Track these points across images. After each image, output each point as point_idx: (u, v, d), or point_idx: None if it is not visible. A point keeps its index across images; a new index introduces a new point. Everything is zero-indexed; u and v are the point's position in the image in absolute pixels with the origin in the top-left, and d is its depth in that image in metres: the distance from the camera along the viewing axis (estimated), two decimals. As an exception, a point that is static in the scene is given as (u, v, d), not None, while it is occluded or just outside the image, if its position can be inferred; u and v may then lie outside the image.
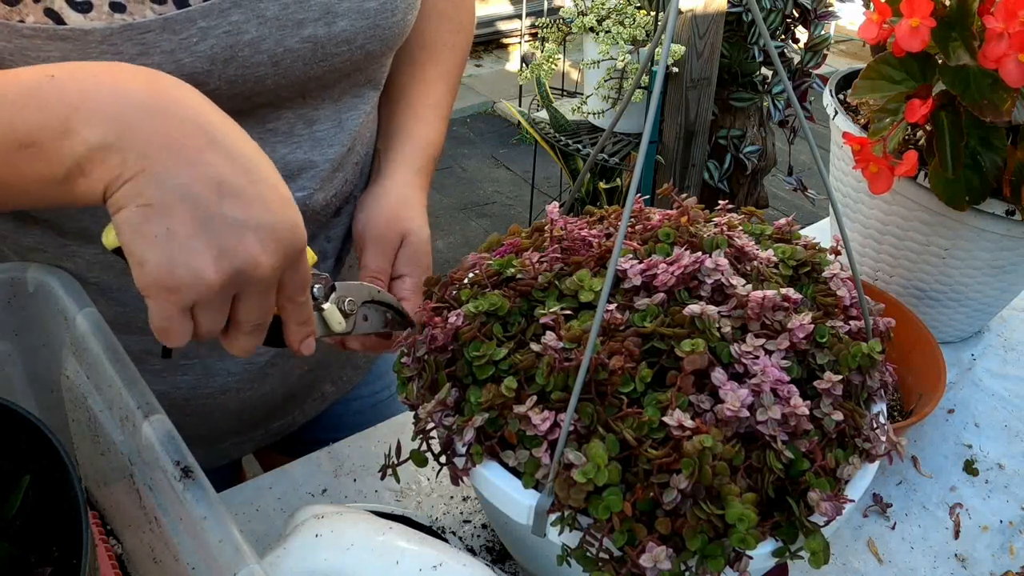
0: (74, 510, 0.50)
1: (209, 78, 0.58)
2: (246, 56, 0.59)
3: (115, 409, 0.56)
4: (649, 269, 0.57)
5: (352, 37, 0.65)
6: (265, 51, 0.60)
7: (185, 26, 0.56)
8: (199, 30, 0.56)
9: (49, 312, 0.64)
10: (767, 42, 0.54)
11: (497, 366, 0.55)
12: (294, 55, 0.62)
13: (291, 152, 0.69)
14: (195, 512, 0.49)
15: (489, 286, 0.61)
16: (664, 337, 0.54)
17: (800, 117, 0.50)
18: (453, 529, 0.72)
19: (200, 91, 0.54)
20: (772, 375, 0.52)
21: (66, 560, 0.53)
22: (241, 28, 0.58)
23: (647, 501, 0.49)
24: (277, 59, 0.61)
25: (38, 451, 0.52)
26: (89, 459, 0.64)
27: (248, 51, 0.59)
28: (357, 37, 0.66)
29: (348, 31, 0.65)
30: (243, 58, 0.59)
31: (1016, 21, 0.69)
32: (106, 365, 0.56)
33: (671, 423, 0.49)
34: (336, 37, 0.64)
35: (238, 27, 0.58)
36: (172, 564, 0.54)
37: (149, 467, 0.53)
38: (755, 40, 2.23)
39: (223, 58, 0.58)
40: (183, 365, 0.77)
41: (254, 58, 0.60)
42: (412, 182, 0.75)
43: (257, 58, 0.60)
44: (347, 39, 0.65)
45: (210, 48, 0.57)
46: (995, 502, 0.82)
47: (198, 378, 0.78)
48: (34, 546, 0.53)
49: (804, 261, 0.63)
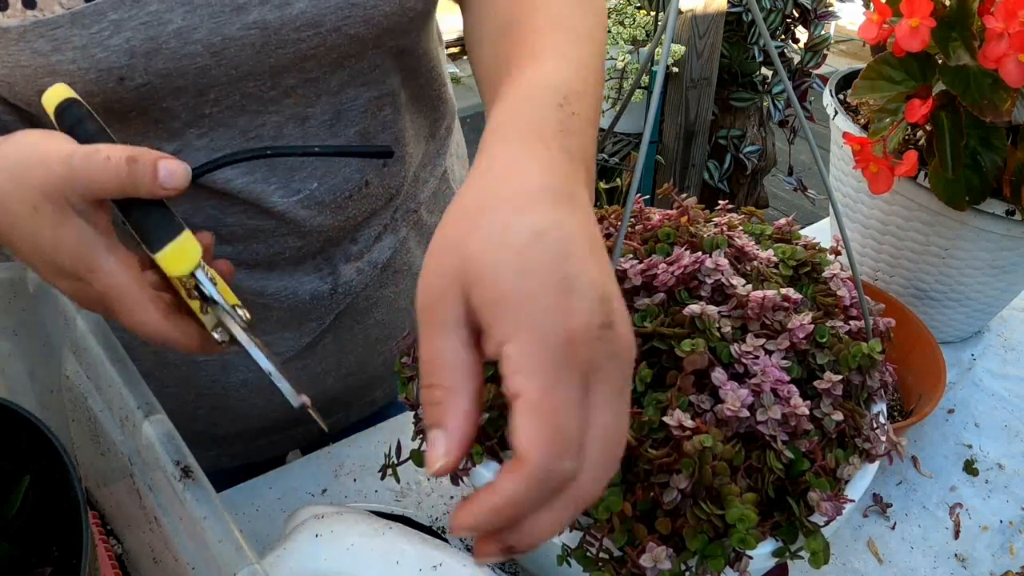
0: (74, 510, 0.50)
1: (133, 72, 0.56)
2: (174, 48, 0.56)
3: (115, 409, 0.56)
4: (649, 269, 0.57)
5: (317, 20, 0.59)
6: (198, 41, 0.56)
7: (95, 19, 0.54)
8: (111, 23, 0.54)
9: (49, 312, 0.64)
10: (767, 42, 0.54)
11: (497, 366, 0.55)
12: (238, 44, 0.58)
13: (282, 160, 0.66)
14: (195, 512, 0.49)
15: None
16: (664, 337, 0.54)
17: (800, 117, 0.50)
18: (453, 529, 0.72)
19: (128, 86, 0.56)
20: (772, 375, 0.52)
21: (66, 560, 0.53)
22: (163, 18, 0.55)
23: (647, 501, 0.49)
24: (216, 49, 0.57)
25: (38, 451, 0.52)
26: (89, 459, 0.64)
27: (176, 42, 0.56)
28: (325, 20, 0.59)
29: (310, 13, 0.59)
30: (170, 50, 0.56)
31: (1016, 21, 0.69)
32: (106, 365, 0.56)
33: (671, 423, 0.49)
34: (293, 21, 0.58)
35: (159, 17, 0.55)
36: (172, 564, 0.54)
37: (149, 467, 0.53)
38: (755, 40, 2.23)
39: (144, 51, 0.55)
40: (200, 362, 0.78)
41: (185, 49, 0.56)
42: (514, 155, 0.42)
43: (189, 49, 0.56)
44: (310, 22, 0.59)
45: (126, 41, 0.55)
46: (995, 502, 0.82)
47: (216, 372, 0.78)
48: (34, 546, 0.53)
49: (804, 261, 0.63)
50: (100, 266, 0.49)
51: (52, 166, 0.47)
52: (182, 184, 0.49)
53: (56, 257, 0.49)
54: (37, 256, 0.50)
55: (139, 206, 0.48)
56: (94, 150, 0.47)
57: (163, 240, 0.48)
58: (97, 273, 0.49)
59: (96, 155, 0.47)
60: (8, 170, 0.49)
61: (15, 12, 0.53)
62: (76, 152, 0.47)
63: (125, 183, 0.47)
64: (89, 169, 0.47)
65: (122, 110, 0.58)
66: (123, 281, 0.49)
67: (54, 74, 0.55)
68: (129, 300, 0.49)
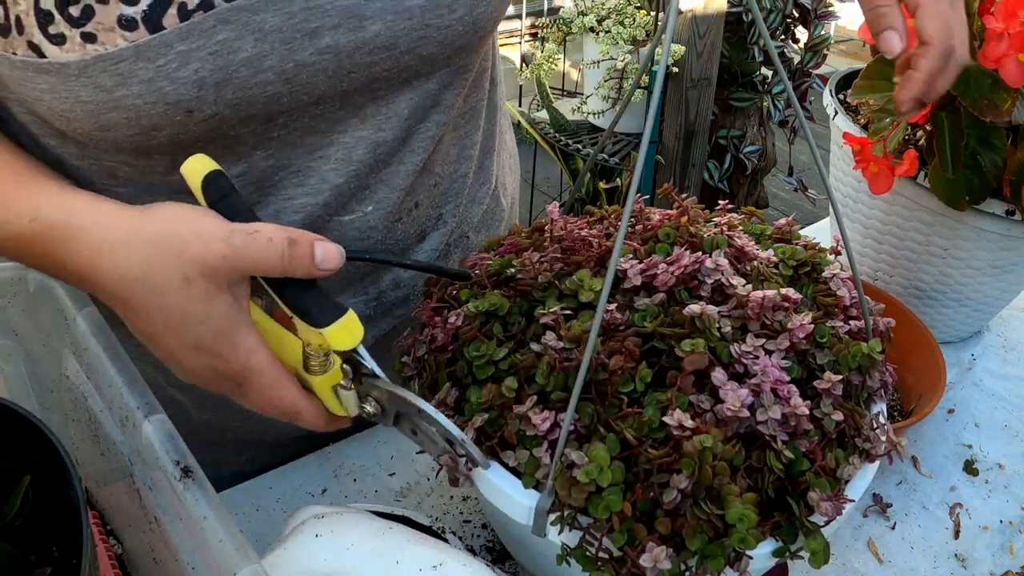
0: (74, 510, 0.50)
1: (202, 104, 0.54)
2: (244, 77, 0.54)
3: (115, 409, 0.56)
4: (649, 269, 0.57)
5: (391, 42, 0.57)
6: (269, 68, 0.54)
7: (161, 52, 0.51)
8: (178, 54, 0.52)
9: (49, 312, 0.64)
10: (767, 42, 0.54)
11: (497, 366, 0.55)
12: (311, 69, 0.56)
13: (346, 182, 0.64)
14: (195, 512, 0.49)
15: (489, 286, 0.61)
16: (664, 337, 0.54)
17: (800, 117, 0.50)
18: (453, 529, 0.72)
19: (197, 118, 0.55)
20: (772, 375, 0.52)
21: (66, 560, 0.53)
22: (232, 47, 0.53)
23: (647, 501, 0.49)
24: (288, 76, 0.55)
25: (38, 451, 0.52)
26: (89, 459, 0.64)
27: (246, 71, 0.54)
28: (399, 42, 0.57)
29: (384, 36, 0.57)
30: (241, 79, 0.54)
31: (1016, 21, 0.69)
32: (106, 365, 0.56)
33: (671, 423, 0.49)
34: (367, 44, 0.56)
35: (228, 46, 0.53)
36: (172, 564, 0.54)
37: (149, 467, 0.53)
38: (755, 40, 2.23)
39: (213, 81, 0.53)
40: None
41: (256, 78, 0.54)
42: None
43: (260, 77, 0.54)
44: (385, 45, 0.57)
45: (194, 73, 0.53)
46: (995, 502, 0.82)
47: None
48: (34, 546, 0.53)
49: (804, 261, 0.63)
50: (242, 342, 0.50)
51: (211, 243, 0.48)
52: (337, 266, 0.51)
53: (200, 331, 0.49)
54: (174, 331, 0.50)
55: (293, 284, 0.50)
56: (254, 230, 0.49)
57: (330, 317, 0.49)
58: (239, 350, 0.50)
59: (258, 236, 0.49)
60: (159, 242, 0.49)
61: (73, 46, 0.51)
62: (236, 231, 0.49)
63: (286, 264, 0.49)
64: (251, 249, 0.48)
65: (188, 141, 0.56)
66: (263, 359, 0.51)
67: (118, 109, 0.53)
68: (267, 377, 0.51)
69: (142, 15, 0.51)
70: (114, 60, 0.51)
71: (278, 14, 0.53)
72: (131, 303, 0.50)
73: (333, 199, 0.64)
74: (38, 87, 0.54)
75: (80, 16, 0.51)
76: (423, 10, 0.57)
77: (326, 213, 0.65)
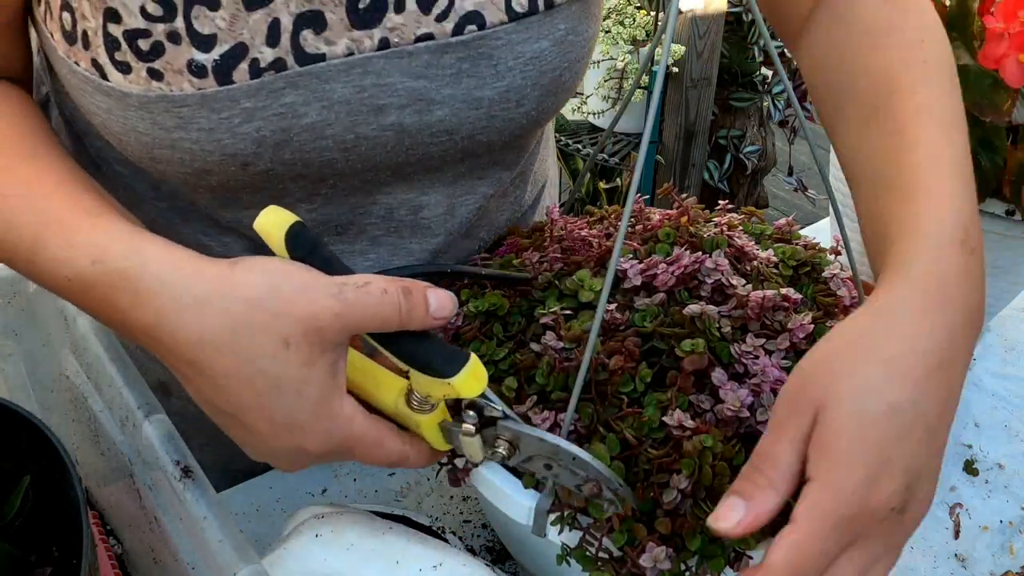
0: (74, 510, 0.50)
1: (258, 160, 0.53)
2: (304, 141, 0.53)
3: (115, 409, 0.56)
4: (649, 269, 0.57)
5: (454, 127, 0.56)
6: (330, 136, 0.54)
7: (227, 105, 0.51)
8: (243, 111, 0.51)
9: (49, 312, 0.64)
10: (767, 42, 0.54)
11: (497, 366, 0.55)
12: (370, 142, 0.55)
13: (385, 235, 0.62)
14: (195, 512, 0.49)
15: (489, 286, 0.61)
16: (664, 337, 0.54)
17: (800, 117, 0.50)
18: (453, 529, 0.72)
19: (250, 171, 0.53)
20: (772, 375, 0.52)
21: (66, 560, 0.53)
22: (298, 111, 0.52)
23: (647, 501, 0.49)
24: (347, 146, 0.55)
25: (38, 451, 0.53)
26: (89, 459, 0.64)
27: (307, 136, 0.53)
28: (461, 128, 0.56)
29: (448, 121, 0.56)
30: (300, 142, 0.53)
31: (1016, 21, 0.69)
32: (106, 365, 0.56)
33: (671, 423, 0.49)
34: (430, 127, 0.56)
35: (294, 110, 0.52)
36: (172, 564, 0.54)
37: (149, 467, 0.53)
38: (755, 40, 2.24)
39: (273, 141, 0.52)
40: None
41: (315, 143, 0.54)
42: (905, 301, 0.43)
43: (320, 143, 0.54)
44: (447, 129, 0.56)
45: (256, 130, 0.52)
46: (995, 502, 0.82)
47: None
48: (34, 546, 0.53)
49: (804, 261, 0.63)
50: (341, 411, 0.46)
51: (320, 299, 0.43)
52: (451, 314, 0.47)
53: (294, 405, 0.44)
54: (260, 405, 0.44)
55: (406, 335, 0.46)
56: (364, 282, 0.44)
57: (455, 366, 0.46)
58: (338, 420, 0.45)
59: (371, 288, 0.44)
60: (255, 300, 0.43)
61: (138, 79, 0.50)
62: (346, 284, 0.44)
63: (403, 317, 0.45)
64: (366, 304, 0.44)
65: (236, 187, 0.56)
66: (362, 421, 0.47)
67: (173, 148, 0.52)
68: (370, 438, 0.47)
69: (213, 64, 0.50)
70: (177, 103, 0.50)
71: (348, 86, 0.52)
72: (207, 369, 0.44)
73: (371, 251, 0.64)
74: (95, 102, 0.53)
75: (149, 51, 0.49)
76: (491, 102, 0.56)
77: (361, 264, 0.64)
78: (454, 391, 0.46)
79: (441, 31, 0.53)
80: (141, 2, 0.48)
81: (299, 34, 0.51)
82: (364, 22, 0.51)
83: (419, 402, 0.48)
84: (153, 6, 0.49)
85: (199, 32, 0.49)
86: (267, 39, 0.50)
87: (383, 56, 0.52)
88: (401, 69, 0.53)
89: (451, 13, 0.53)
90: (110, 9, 0.49)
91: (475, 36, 0.53)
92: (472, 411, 0.47)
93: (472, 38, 0.53)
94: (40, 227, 0.48)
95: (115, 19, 0.49)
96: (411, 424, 0.49)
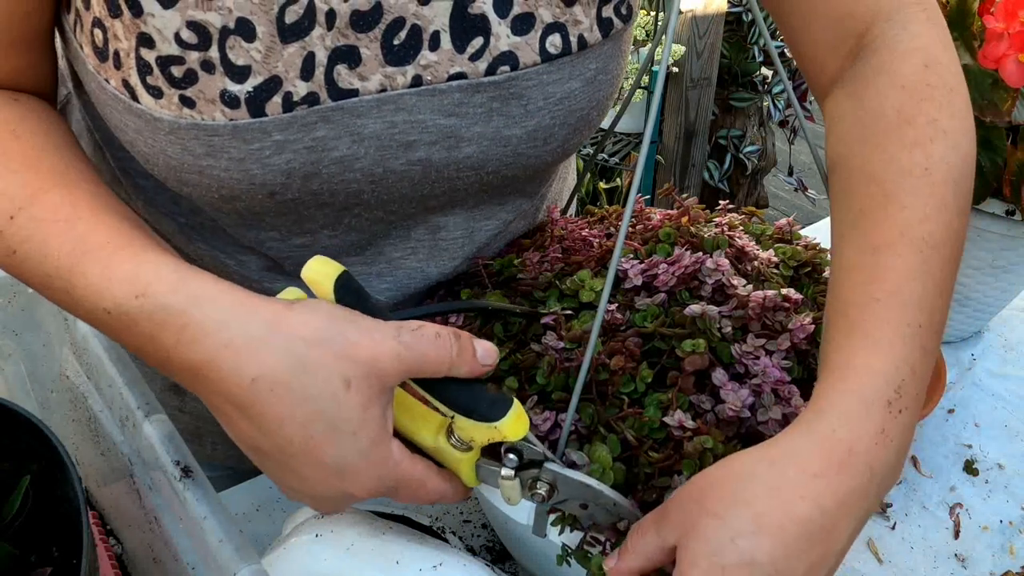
0: (74, 510, 0.50)
1: (286, 190, 0.53)
2: (333, 173, 0.53)
3: (115, 409, 0.56)
4: (650, 269, 0.57)
5: (480, 163, 0.56)
6: (359, 169, 0.54)
7: (258, 137, 0.50)
8: (274, 143, 0.51)
9: (49, 312, 0.64)
10: (767, 42, 0.54)
11: (498, 366, 0.55)
12: (397, 175, 0.55)
13: (403, 257, 0.62)
14: (195, 512, 0.49)
15: (490, 286, 0.61)
16: (665, 337, 0.54)
17: (800, 117, 0.50)
18: (453, 529, 0.72)
19: (277, 200, 0.53)
20: (773, 375, 0.52)
21: (66, 560, 0.53)
22: (328, 144, 0.52)
23: (648, 502, 0.49)
24: (375, 178, 0.55)
25: (38, 451, 0.52)
26: (89, 459, 0.64)
27: (336, 168, 0.53)
28: (488, 164, 0.56)
29: (476, 158, 0.56)
30: (329, 175, 0.53)
31: (1016, 21, 0.69)
32: (106, 365, 0.56)
33: (672, 424, 0.49)
34: (457, 163, 0.56)
35: (324, 143, 0.52)
36: (172, 564, 0.54)
37: (149, 467, 0.53)
38: (755, 40, 2.24)
39: (302, 173, 0.52)
40: None
41: (343, 175, 0.54)
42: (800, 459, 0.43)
43: (348, 176, 0.54)
44: (473, 165, 0.56)
45: (286, 163, 0.51)
46: (995, 502, 0.82)
47: None
48: (34, 546, 0.53)
49: (804, 262, 0.63)
50: (391, 455, 0.45)
51: (383, 341, 0.43)
52: (494, 362, 0.47)
53: (347, 448, 0.43)
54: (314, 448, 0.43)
55: (452, 381, 0.47)
56: (418, 326, 0.45)
57: (500, 410, 0.47)
58: (388, 464, 0.45)
59: (425, 332, 0.44)
60: (317, 341, 0.43)
61: (170, 105, 0.50)
62: (402, 328, 0.44)
63: (454, 361, 0.45)
64: (422, 347, 0.44)
65: (261, 212, 0.56)
66: (409, 467, 0.46)
67: (201, 174, 0.52)
68: (415, 480, 0.47)
69: (246, 96, 0.49)
70: (209, 132, 0.50)
71: (379, 122, 0.52)
72: (258, 411, 0.43)
73: (388, 273, 0.64)
74: (124, 121, 0.52)
75: (182, 79, 0.49)
76: (519, 140, 0.56)
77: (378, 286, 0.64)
78: (499, 435, 0.46)
79: (474, 71, 0.53)
80: (176, 29, 0.48)
81: (333, 69, 0.50)
82: (398, 59, 0.51)
83: (459, 441, 0.48)
84: (188, 34, 0.48)
85: (233, 63, 0.49)
86: (301, 72, 0.50)
87: (415, 93, 0.52)
88: (432, 107, 0.53)
89: (485, 53, 0.52)
90: (143, 34, 0.48)
91: (507, 77, 0.53)
92: (512, 454, 0.48)
93: (505, 79, 0.53)
94: (77, 255, 0.47)
95: (148, 44, 0.48)
96: (450, 461, 0.49)
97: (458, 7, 0.51)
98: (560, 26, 0.54)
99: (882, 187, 0.49)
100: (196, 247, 0.63)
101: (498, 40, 0.52)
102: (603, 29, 0.55)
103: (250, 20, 0.48)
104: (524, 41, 0.53)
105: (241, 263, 0.63)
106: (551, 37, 0.53)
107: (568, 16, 0.54)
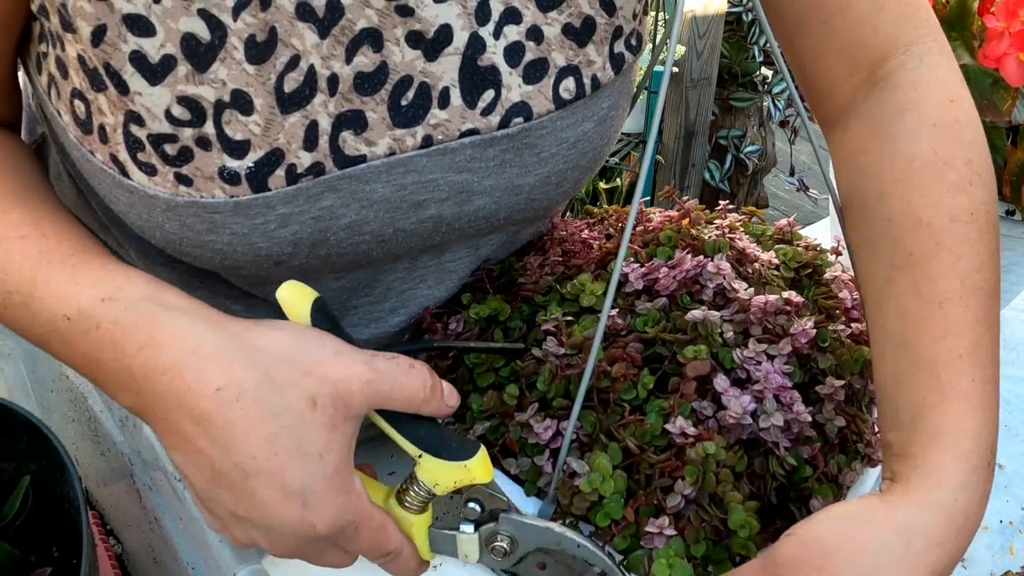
0: (74, 510, 0.50)
1: (293, 258, 0.50)
2: (342, 239, 0.51)
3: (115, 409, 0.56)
4: (651, 273, 0.57)
5: (493, 213, 0.55)
6: (368, 232, 0.51)
7: (261, 212, 0.47)
8: (279, 216, 0.48)
9: (49, 312, 0.64)
10: (769, 40, 0.54)
11: (498, 373, 0.55)
12: (408, 233, 0.53)
13: (412, 288, 0.60)
14: (195, 512, 0.49)
15: (490, 290, 0.61)
16: (666, 343, 0.54)
17: (802, 117, 0.50)
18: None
19: (284, 267, 0.51)
20: (775, 381, 0.52)
21: (66, 560, 0.53)
22: (335, 213, 0.49)
23: (650, 507, 0.49)
24: (385, 238, 0.52)
25: (38, 451, 0.53)
26: (89, 459, 0.64)
27: (345, 234, 0.51)
28: (500, 212, 0.55)
29: (487, 208, 0.54)
30: (338, 240, 0.51)
31: (1016, 21, 0.69)
32: (106, 366, 0.56)
33: (674, 431, 0.49)
34: (470, 215, 0.54)
35: (332, 212, 0.49)
36: (172, 564, 0.54)
37: (149, 467, 0.53)
38: (755, 40, 2.24)
39: (310, 242, 0.50)
40: None
41: (353, 239, 0.51)
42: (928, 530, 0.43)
43: (358, 239, 0.51)
44: (486, 216, 0.55)
45: (292, 234, 0.49)
46: (995, 502, 0.82)
47: None
48: (34, 546, 0.53)
49: (805, 263, 0.63)
50: (355, 485, 0.43)
51: (350, 363, 0.42)
52: (456, 405, 0.46)
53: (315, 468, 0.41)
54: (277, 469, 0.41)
55: (418, 419, 0.46)
56: (392, 356, 0.44)
57: (469, 450, 0.46)
58: (352, 494, 0.43)
59: (400, 361, 0.43)
60: (286, 356, 0.42)
61: (165, 183, 0.46)
62: (377, 354, 0.43)
63: (426, 395, 0.44)
64: (394, 374, 0.43)
65: (266, 276, 0.54)
66: (370, 505, 0.44)
67: (202, 248, 0.49)
68: (376, 520, 0.45)
69: (247, 172, 0.46)
70: (208, 209, 0.47)
71: (389, 185, 0.50)
72: (220, 424, 0.40)
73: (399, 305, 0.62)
74: (114, 194, 0.49)
75: (176, 156, 0.46)
76: (532, 187, 0.54)
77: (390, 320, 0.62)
78: (468, 476, 0.45)
79: (487, 125, 0.51)
80: (166, 106, 0.44)
81: (338, 136, 0.47)
82: (407, 120, 0.49)
83: (417, 502, 0.47)
84: (180, 110, 0.45)
85: (231, 138, 0.45)
86: (304, 143, 0.47)
87: (426, 154, 0.50)
88: (444, 165, 0.51)
89: (497, 106, 0.50)
90: (132, 112, 0.45)
91: (521, 128, 0.51)
92: (473, 503, 0.47)
93: (518, 131, 0.51)
94: (41, 265, 0.45)
95: (138, 122, 0.45)
96: (403, 525, 0.47)
97: (467, 60, 0.49)
98: (574, 69, 0.52)
99: (931, 232, 0.49)
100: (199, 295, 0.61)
101: (509, 91, 0.51)
102: (615, 66, 0.54)
103: (246, 92, 0.45)
104: (536, 89, 0.51)
105: (249, 306, 0.60)
106: (564, 82, 0.52)
107: (581, 57, 0.52)
